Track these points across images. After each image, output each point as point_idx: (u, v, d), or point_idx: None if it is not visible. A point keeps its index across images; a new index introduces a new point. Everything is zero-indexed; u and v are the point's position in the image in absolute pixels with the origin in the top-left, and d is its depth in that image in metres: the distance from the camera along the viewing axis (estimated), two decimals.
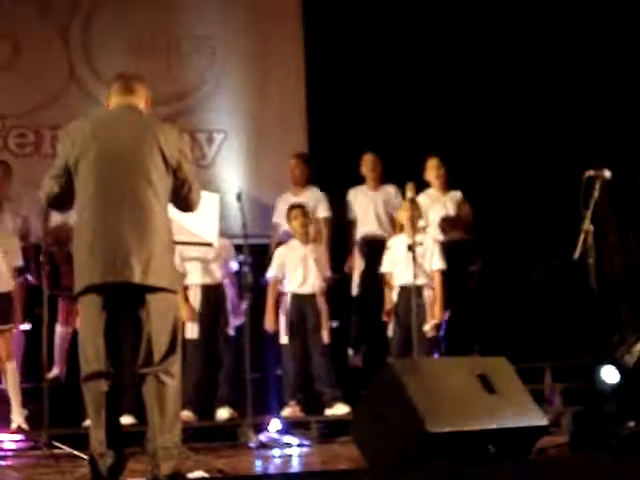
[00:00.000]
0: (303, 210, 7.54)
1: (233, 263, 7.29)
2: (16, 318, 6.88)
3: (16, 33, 8.35)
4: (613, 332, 6.29)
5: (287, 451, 6.30)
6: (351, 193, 8.12)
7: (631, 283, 8.68)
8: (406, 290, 7.12)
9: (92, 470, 4.34)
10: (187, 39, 8.77)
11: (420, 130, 8.50)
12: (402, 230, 7.40)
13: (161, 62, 8.67)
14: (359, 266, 8.01)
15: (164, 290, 4.38)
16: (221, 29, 8.83)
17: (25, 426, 6.69)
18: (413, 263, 6.78)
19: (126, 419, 6.48)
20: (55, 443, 5.97)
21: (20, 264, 6.96)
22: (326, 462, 5.71)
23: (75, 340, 6.96)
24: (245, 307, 6.74)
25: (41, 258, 6.45)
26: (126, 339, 4.46)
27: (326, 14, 8.77)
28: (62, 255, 7.31)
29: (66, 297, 7.22)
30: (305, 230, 7.48)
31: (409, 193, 6.86)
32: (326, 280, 7.50)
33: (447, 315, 7.38)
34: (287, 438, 6.61)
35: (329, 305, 7.50)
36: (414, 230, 7.04)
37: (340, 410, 7.18)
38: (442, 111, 8.63)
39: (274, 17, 8.94)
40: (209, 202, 5.63)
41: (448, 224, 7.83)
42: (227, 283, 7.29)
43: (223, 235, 7.00)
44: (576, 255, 5.42)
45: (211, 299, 7.20)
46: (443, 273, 7.36)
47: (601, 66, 8.71)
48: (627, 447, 4.79)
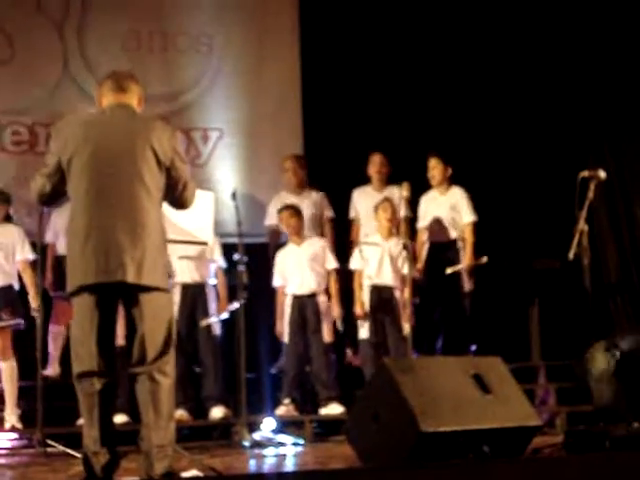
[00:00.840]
0: (295, 210, 7.54)
1: (219, 260, 7.27)
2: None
3: (11, 29, 8.32)
4: (606, 332, 6.30)
5: (281, 450, 6.29)
6: (355, 193, 8.11)
7: (625, 283, 8.70)
8: (376, 289, 7.31)
9: (86, 468, 4.34)
10: (183, 37, 8.75)
11: (417, 130, 8.50)
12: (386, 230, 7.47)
13: (157, 59, 8.65)
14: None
15: (157, 289, 4.37)
16: (217, 27, 8.81)
17: (19, 425, 6.67)
18: (407, 263, 6.78)
19: (120, 418, 6.48)
20: (49, 442, 5.97)
21: (30, 257, 6.87)
22: (320, 461, 5.70)
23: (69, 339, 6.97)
24: (238, 306, 6.71)
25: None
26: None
27: (322, 13, 8.77)
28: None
29: (58, 296, 7.20)
30: (298, 230, 7.49)
31: (404, 192, 6.86)
32: (332, 273, 7.49)
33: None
34: (281, 437, 6.61)
35: (341, 296, 7.49)
36: (407, 229, 7.07)
37: (334, 410, 7.18)
38: (438, 111, 8.64)
39: (270, 16, 8.93)
40: (204, 200, 5.62)
41: (447, 223, 7.81)
42: (210, 283, 7.27)
43: (218, 234, 7.01)
44: (571, 255, 5.43)
45: (190, 298, 7.17)
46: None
47: (599, 66, 8.73)
48: (621, 447, 4.79)
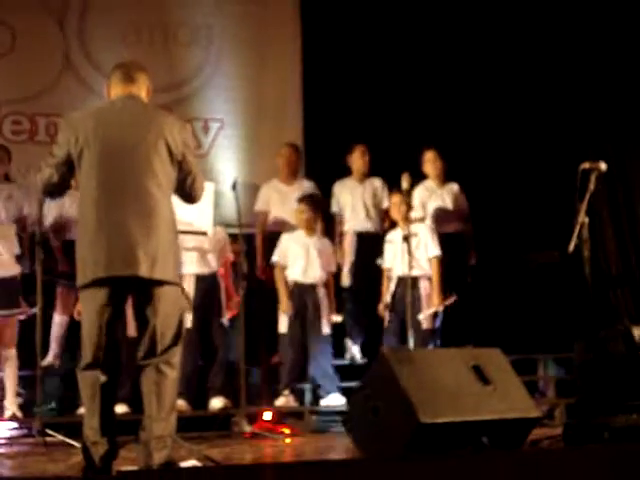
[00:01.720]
0: (312, 202, 7.50)
1: (229, 253, 7.28)
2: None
3: (12, 21, 8.32)
4: (606, 324, 6.30)
5: (280, 441, 6.29)
6: (337, 185, 8.09)
7: (625, 275, 8.70)
8: (402, 281, 7.13)
9: (85, 458, 4.34)
10: (184, 28, 8.76)
11: (416, 122, 8.51)
12: (395, 222, 7.41)
13: (158, 51, 8.65)
14: (349, 258, 7.99)
15: (169, 283, 4.36)
16: (218, 18, 8.82)
17: (19, 414, 6.68)
18: (408, 255, 6.77)
19: (120, 408, 6.48)
20: (48, 431, 5.98)
21: (17, 252, 6.94)
22: (319, 452, 5.71)
23: (71, 328, 6.99)
24: (239, 297, 6.71)
25: (36, 245, 6.42)
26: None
27: (323, 5, 8.77)
28: (58, 242, 7.30)
29: (63, 285, 7.21)
30: (311, 223, 7.45)
31: (404, 184, 6.83)
32: (331, 274, 7.49)
33: (453, 299, 7.35)
34: (280, 428, 6.61)
35: (335, 299, 7.49)
36: (408, 221, 7.04)
37: (334, 401, 7.18)
38: (438, 103, 8.64)
39: (271, 6, 8.95)
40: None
41: (445, 216, 7.83)
42: (222, 273, 7.28)
43: (220, 224, 7.01)
44: (571, 247, 5.42)
45: (205, 289, 7.18)
46: (440, 261, 7.37)
47: (597, 60, 8.72)
48: (620, 439, 4.80)
